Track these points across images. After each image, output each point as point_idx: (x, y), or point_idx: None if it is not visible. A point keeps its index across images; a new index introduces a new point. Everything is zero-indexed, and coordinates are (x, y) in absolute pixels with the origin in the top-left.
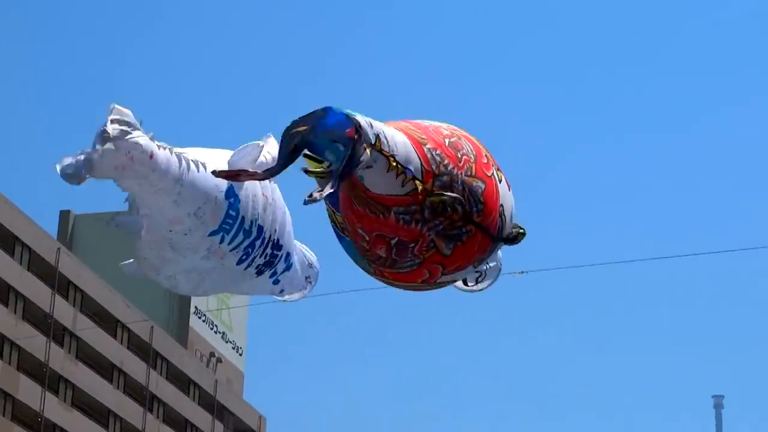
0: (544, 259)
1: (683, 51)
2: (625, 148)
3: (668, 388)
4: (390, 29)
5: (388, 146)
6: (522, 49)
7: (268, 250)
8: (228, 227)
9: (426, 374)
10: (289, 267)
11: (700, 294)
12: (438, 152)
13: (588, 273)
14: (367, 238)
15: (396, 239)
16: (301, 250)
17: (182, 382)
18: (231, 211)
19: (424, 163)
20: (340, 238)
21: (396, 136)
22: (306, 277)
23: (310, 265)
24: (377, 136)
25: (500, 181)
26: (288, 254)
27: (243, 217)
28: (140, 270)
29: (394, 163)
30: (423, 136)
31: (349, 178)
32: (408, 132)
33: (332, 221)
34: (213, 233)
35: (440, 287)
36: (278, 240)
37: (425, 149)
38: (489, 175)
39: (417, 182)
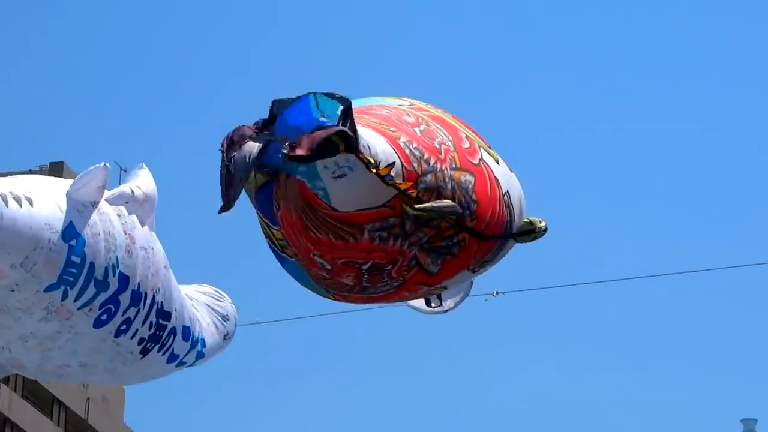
0: (528, 278)
1: None
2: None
3: (689, 412)
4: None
5: (369, 149)
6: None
7: (153, 318)
8: (71, 278)
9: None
10: (195, 343)
11: (726, 306)
12: (415, 146)
13: (589, 290)
14: (329, 267)
15: (369, 263)
16: (206, 307)
17: (43, 400)
18: (73, 257)
19: (404, 163)
20: (281, 259)
21: (369, 134)
22: (224, 336)
23: (225, 318)
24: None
25: (498, 162)
26: (185, 327)
27: (92, 264)
28: None
29: (374, 168)
30: (392, 128)
31: (304, 195)
32: (373, 126)
33: (267, 237)
34: (50, 288)
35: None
36: (163, 305)
37: (401, 144)
38: (475, 163)
39: (400, 184)
